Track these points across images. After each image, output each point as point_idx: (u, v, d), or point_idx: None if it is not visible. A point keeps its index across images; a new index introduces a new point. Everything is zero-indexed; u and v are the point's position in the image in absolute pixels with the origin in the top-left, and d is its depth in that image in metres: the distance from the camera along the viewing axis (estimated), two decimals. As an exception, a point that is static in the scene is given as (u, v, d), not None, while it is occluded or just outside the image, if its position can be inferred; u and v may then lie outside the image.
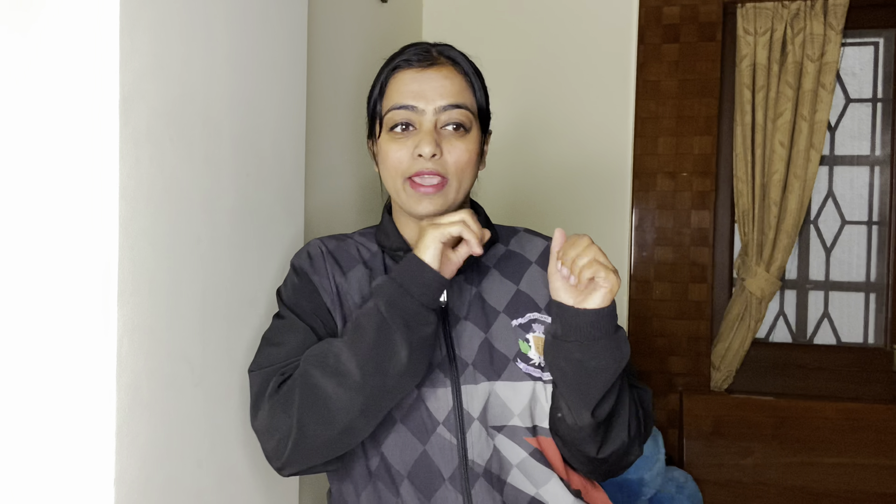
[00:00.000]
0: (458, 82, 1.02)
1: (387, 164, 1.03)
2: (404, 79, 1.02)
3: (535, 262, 1.08)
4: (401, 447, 0.97)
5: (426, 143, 0.98)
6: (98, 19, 0.82)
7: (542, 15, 2.37)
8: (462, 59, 1.05)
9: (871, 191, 2.37)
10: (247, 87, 1.11)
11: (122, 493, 0.86)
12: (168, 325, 0.94)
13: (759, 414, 2.25)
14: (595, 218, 2.35)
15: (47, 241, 0.84)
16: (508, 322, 1.02)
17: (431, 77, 1.01)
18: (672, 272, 2.33)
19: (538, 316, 1.04)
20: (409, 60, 1.03)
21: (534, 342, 1.02)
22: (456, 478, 0.96)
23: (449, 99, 1.00)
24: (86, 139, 0.83)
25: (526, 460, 0.98)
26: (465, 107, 1.02)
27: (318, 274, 1.04)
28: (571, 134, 2.36)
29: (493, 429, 0.98)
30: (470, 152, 1.02)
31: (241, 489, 1.12)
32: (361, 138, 1.75)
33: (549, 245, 1.10)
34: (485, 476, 0.96)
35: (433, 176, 0.99)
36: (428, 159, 0.98)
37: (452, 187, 1.01)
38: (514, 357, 1.00)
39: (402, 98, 1.01)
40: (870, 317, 2.39)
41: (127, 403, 0.86)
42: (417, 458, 0.97)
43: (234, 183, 1.08)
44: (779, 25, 2.25)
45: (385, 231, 1.08)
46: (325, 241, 1.09)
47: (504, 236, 1.12)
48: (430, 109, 1.00)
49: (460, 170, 1.01)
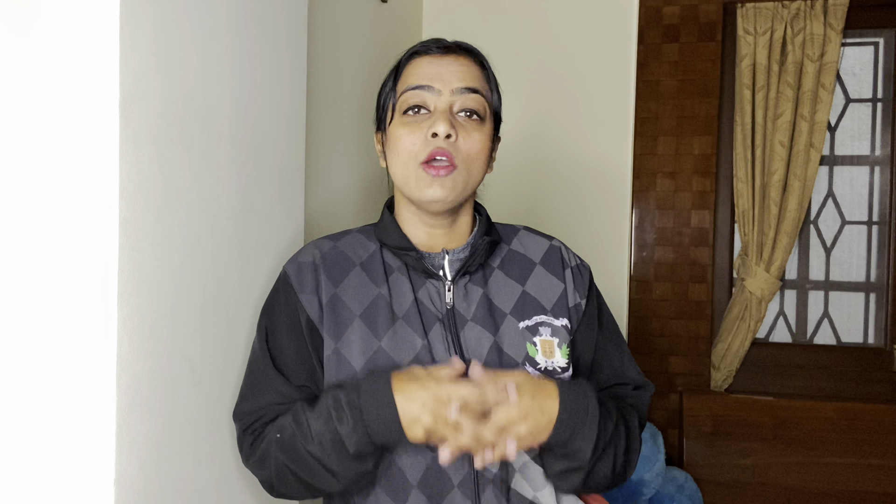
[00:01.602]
0: (475, 70, 1.01)
1: (398, 149, 0.99)
2: (421, 63, 1.01)
3: (539, 262, 1.07)
4: (411, 454, 0.96)
5: (441, 122, 0.96)
6: (98, 19, 0.82)
7: (543, 15, 2.37)
8: (476, 52, 1.04)
9: (871, 191, 2.37)
10: (247, 87, 1.11)
11: (122, 493, 0.86)
12: (168, 325, 0.94)
13: (759, 414, 2.25)
14: (595, 218, 2.35)
15: (47, 241, 0.84)
16: (516, 324, 1.01)
17: (449, 62, 1.00)
18: (672, 272, 2.33)
19: (545, 318, 1.03)
20: (427, 47, 1.01)
21: (540, 345, 1.00)
22: (466, 484, 0.95)
23: (466, 82, 0.99)
24: (86, 139, 0.83)
25: (528, 464, 0.98)
26: (481, 93, 1.00)
27: (304, 291, 1.00)
28: (571, 134, 2.36)
29: None
30: (482, 143, 1.00)
31: (241, 489, 1.12)
32: (362, 138, 1.75)
33: (552, 245, 1.10)
34: (494, 482, 0.96)
35: (444, 158, 0.97)
36: (443, 139, 0.96)
37: (462, 175, 0.98)
38: (523, 361, 0.99)
39: (418, 79, 0.99)
40: (870, 317, 2.39)
41: (127, 403, 0.86)
42: (428, 465, 0.95)
43: (234, 183, 1.08)
44: (779, 25, 2.25)
45: (385, 228, 1.05)
46: (320, 246, 1.05)
47: (505, 235, 1.10)
48: (446, 91, 0.98)
49: (471, 158, 0.99)
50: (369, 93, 1.10)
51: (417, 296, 1.01)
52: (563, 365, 1.01)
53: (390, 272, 1.03)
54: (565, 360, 1.01)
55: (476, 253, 1.02)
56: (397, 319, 0.99)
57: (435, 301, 1.01)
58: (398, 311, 0.99)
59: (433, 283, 1.01)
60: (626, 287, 2.35)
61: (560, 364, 1.01)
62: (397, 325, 0.98)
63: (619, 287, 2.36)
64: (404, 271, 1.02)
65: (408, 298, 1.00)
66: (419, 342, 0.98)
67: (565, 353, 1.02)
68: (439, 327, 0.99)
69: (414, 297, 1.00)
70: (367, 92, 1.75)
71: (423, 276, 1.02)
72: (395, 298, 1.00)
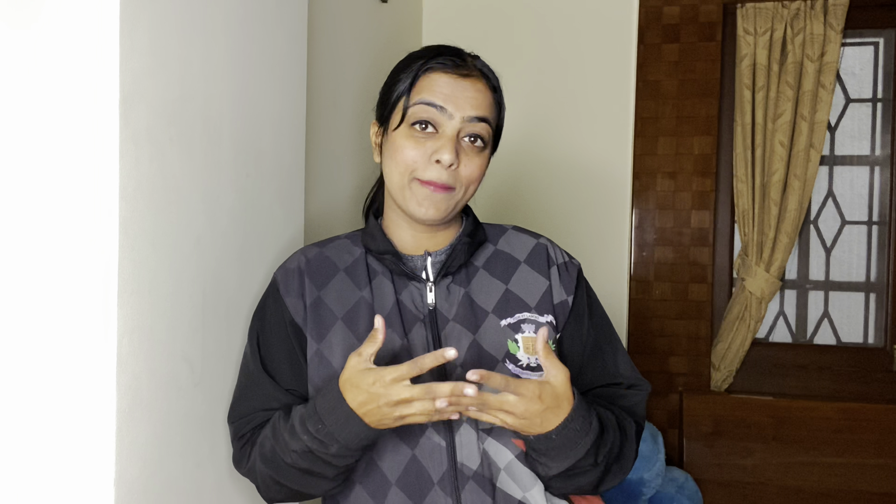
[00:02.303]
0: (488, 97, 1.03)
1: (397, 158, 1.01)
2: (439, 81, 1.01)
3: (523, 261, 1.08)
4: (390, 451, 0.97)
5: (447, 151, 0.97)
6: (98, 19, 0.82)
7: (543, 15, 2.37)
8: (492, 75, 1.05)
9: (871, 191, 2.37)
10: (247, 87, 1.11)
11: (122, 493, 0.86)
12: (168, 325, 0.94)
13: (759, 414, 2.25)
14: (595, 218, 2.35)
15: (48, 241, 0.84)
16: (497, 322, 1.02)
17: (466, 87, 1.00)
18: (672, 272, 2.33)
19: (528, 316, 1.03)
20: (445, 65, 1.01)
21: (522, 342, 1.01)
22: (446, 481, 0.95)
23: (478, 111, 1.00)
24: (86, 139, 0.83)
25: (512, 462, 0.98)
26: (489, 122, 1.02)
27: (289, 294, 1.03)
28: (571, 134, 2.36)
29: (483, 431, 0.98)
30: (481, 168, 1.03)
31: (241, 489, 1.12)
32: (362, 138, 1.75)
33: (538, 243, 1.10)
34: (475, 479, 0.96)
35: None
36: (445, 168, 0.98)
37: (457, 196, 1.01)
38: (503, 358, 1.00)
39: (434, 97, 1.00)
40: (870, 317, 2.39)
41: (127, 403, 0.86)
42: (407, 463, 0.96)
43: (234, 183, 1.08)
44: (779, 25, 2.25)
45: (371, 234, 1.06)
46: (306, 252, 1.08)
47: (492, 235, 1.11)
48: (458, 116, 0.99)
49: (470, 182, 1.02)
50: (369, 93, 1.10)
51: (399, 298, 1.02)
52: None
53: (374, 276, 1.05)
54: None
55: (455, 253, 1.04)
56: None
57: (417, 302, 1.02)
58: (379, 313, 1.00)
59: (415, 286, 1.03)
60: (626, 287, 2.35)
61: None
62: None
63: (619, 287, 2.36)
64: (388, 275, 1.04)
65: (389, 300, 1.02)
66: (398, 342, 0.99)
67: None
68: (420, 328, 1.01)
69: (396, 299, 1.02)
70: (367, 92, 1.75)
71: (404, 278, 1.04)
72: (377, 301, 1.02)
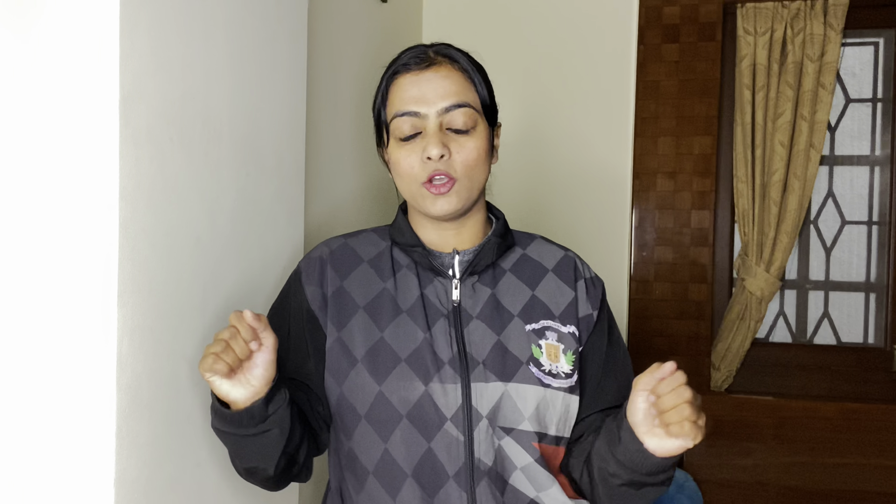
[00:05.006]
0: (457, 80, 1.02)
1: (399, 171, 1.03)
2: (403, 84, 1.02)
3: (551, 270, 1.09)
4: (406, 444, 0.97)
5: (433, 146, 0.98)
6: (98, 20, 0.82)
7: (543, 15, 2.37)
8: (460, 56, 1.04)
9: (871, 191, 2.37)
10: (247, 87, 1.11)
11: (122, 493, 0.86)
12: (168, 325, 0.94)
13: (759, 414, 2.25)
14: (595, 218, 2.35)
15: (47, 240, 0.84)
16: (522, 326, 1.03)
17: (430, 79, 1.01)
18: (672, 272, 2.33)
19: (552, 324, 1.04)
20: (406, 64, 1.03)
21: (545, 349, 1.02)
22: (461, 475, 0.96)
23: (450, 99, 1.00)
24: (86, 139, 0.83)
25: (531, 465, 0.99)
26: (468, 104, 1.01)
27: (310, 283, 1.05)
28: (571, 134, 2.36)
29: (501, 429, 0.98)
30: (478, 150, 1.02)
31: (241, 489, 1.12)
32: (362, 138, 1.75)
33: (567, 255, 1.11)
34: (489, 475, 0.97)
35: (442, 176, 1.00)
36: (437, 161, 0.99)
37: (464, 186, 1.01)
38: (528, 361, 1.00)
39: (404, 105, 1.01)
40: (870, 317, 2.39)
41: (127, 403, 0.86)
42: (423, 455, 0.97)
43: (234, 183, 1.08)
44: (779, 25, 2.25)
45: (399, 228, 1.08)
46: (330, 243, 1.10)
47: (521, 241, 1.13)
48: (432, 113, 1.00)
49: (470, 168, 1.01)
50: (369, 93, 1.10)
51: (424, 292, 1.03)
52: (568, 371, 1.03)
53: (398, 269, 1.06)
54: (570, 367, 1.03)
55: (483, 252, 1.04)
56: (401, 313, 1.02)
57: (441, 298, 1.03)
58: (402, 305, 1.02)
59: (440, 281, 1.04)
60: (626, 287, 2.35)
61: (564, 370, 1.02)
62: (400, 319, 1.01)
63: (619, 287, 2.36)
64: (413, 268, 1.06)
65: (413, 293, 1.03)
66: (421, 335, 1.00)
67: (570, 360, 1.03)
68: (443, 322, 1.01)
69: (420, 293, 1.03)
70: (368, 92, 1.74)
71: (430, 273, 1.05)
72: (401, 293, 1.03)
